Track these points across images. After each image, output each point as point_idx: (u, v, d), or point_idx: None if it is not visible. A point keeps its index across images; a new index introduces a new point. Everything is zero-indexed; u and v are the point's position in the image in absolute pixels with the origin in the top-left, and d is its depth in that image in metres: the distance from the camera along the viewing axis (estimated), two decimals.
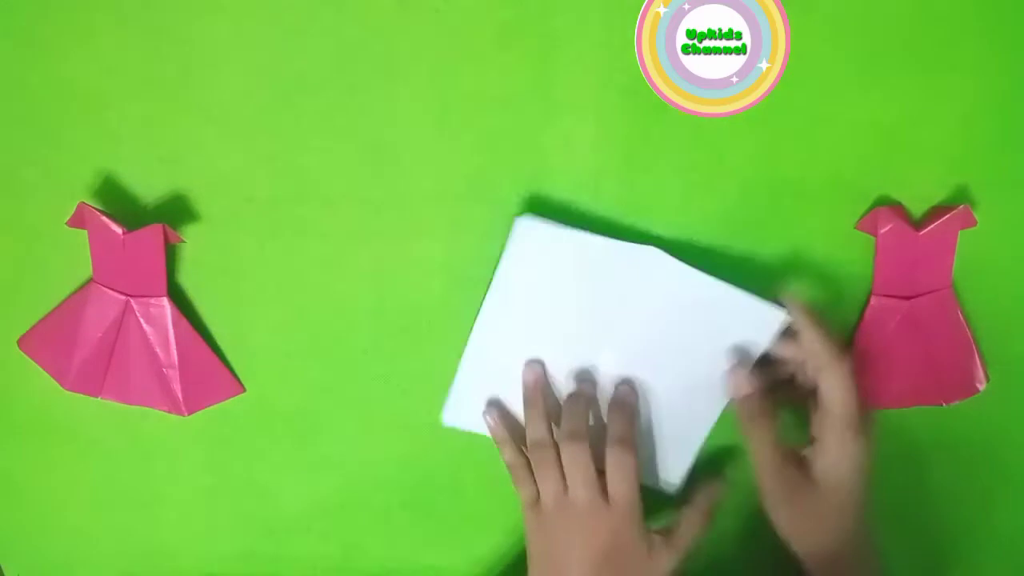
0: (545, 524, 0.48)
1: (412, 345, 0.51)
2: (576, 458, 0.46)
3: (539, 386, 0.49)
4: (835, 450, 0.45)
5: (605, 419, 0.49)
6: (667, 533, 0.48)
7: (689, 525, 0.48)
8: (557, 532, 0.47)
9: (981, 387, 0.50)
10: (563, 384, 0.50)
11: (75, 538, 0.56)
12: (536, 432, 0.48)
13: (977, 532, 0.54)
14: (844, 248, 0.49)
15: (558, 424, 0.48)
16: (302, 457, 0.54)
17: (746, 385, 0.47)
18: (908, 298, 0.48)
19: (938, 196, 0.48)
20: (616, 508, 0.46)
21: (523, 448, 0.49)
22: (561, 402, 0.50)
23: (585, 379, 0.50)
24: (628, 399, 0.49)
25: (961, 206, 0.46)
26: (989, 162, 0.48)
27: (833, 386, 0.45)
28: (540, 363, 0.50)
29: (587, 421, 0.48)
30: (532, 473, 0.48)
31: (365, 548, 0.55)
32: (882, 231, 0.47)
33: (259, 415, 0.53)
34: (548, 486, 0.47)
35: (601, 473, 0.46)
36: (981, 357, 0.50)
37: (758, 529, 0.49)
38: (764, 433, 0.47)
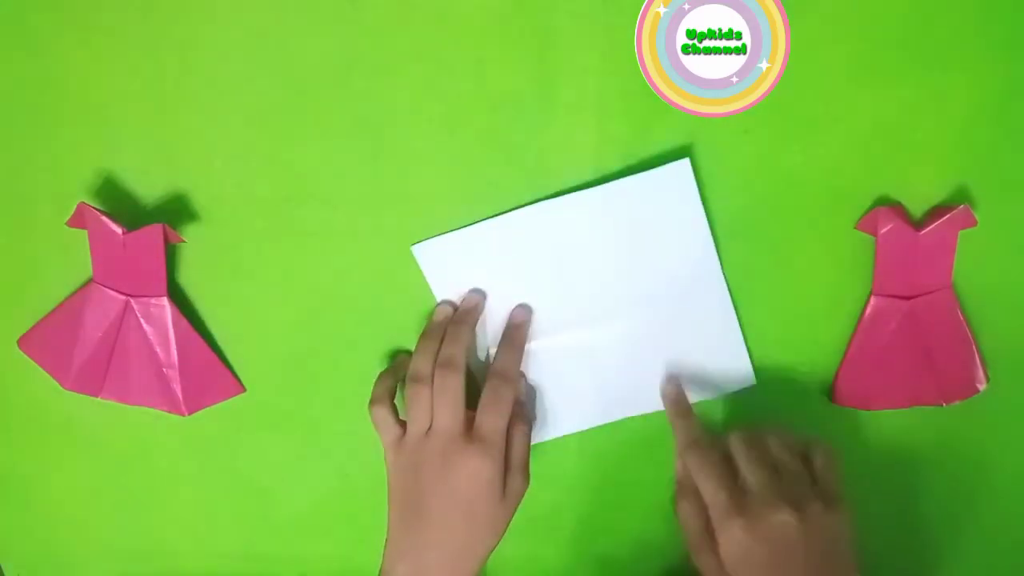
0: (406, 461, 0.46)
1: (412, 344, 0.51)
2: (445, 386, 0.45)
3: (443, 325, 0.48)
4: (718, 536, 0.43)
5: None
6: (509, 460, 0.46)
7: (517, 440, 0.47)
8: (417, 468, 0.46)
9: (981, 387, 0.50)
10: (552, 357, 0.50)
11: (75, 538, 0.56)
12: (418, 364, 0.47)
13: (978, 532, 0.54)
14: (844, 248, 0.49)
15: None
16: (302, 457, 0.54)
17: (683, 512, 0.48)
18: (908, 298, 0.48)
19: (938, 196, 0.48)
20: (479, 443, 0.45)
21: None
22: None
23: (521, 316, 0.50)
24: (517, 332, 0.49)
25: (961, 206, 0.46)
26: (989, 162, 0.48)
27: (693, 477, 0.45)
28: (452, 305, 0.50)
29: (464, 349, 0.47)
30: (394, 413, 0.48)
31: (364, 548, 0.55)
32: (882, 231, 0.47)
33: (259, 415, 0.53)
34: (416, 422, 0.46)
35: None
36: (981, 357, 0.50)
37: None
38: (690, 521, 0.46)
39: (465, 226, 0.49)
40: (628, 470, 0.53)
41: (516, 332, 0.49)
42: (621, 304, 0.49)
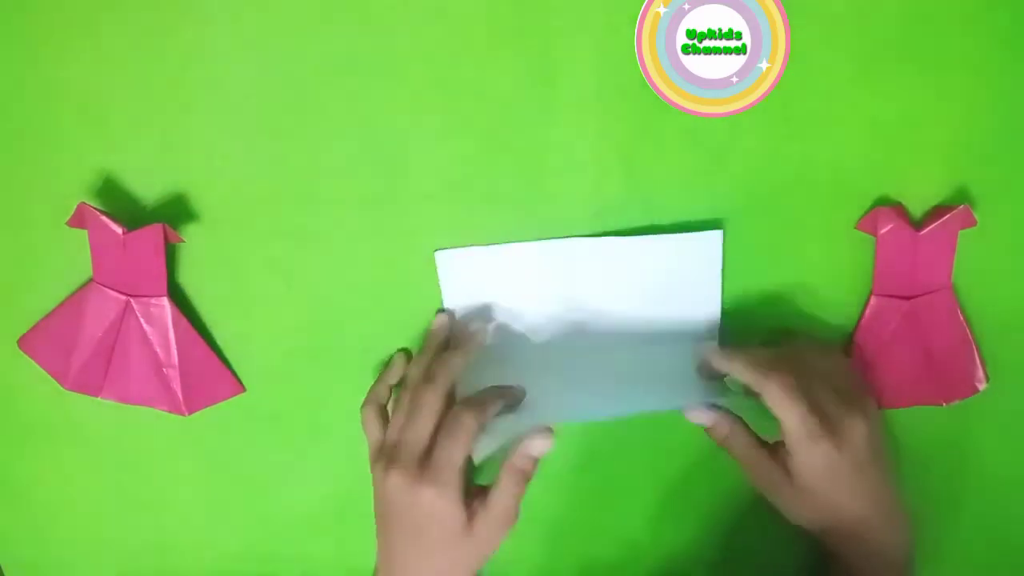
0: (377, 466, 0.46)
1: (411, 345, 0.51)
2: (417, 401, 0.45)
3: (441, 332, 0.49)
4: (799, 456, 0.44)
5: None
6: (484, 499, 0.44)
7: (507, 487, 0.44)
8: (381, 479, 0.45)
9: (981, 387, 0.50)
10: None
11: (75, 538, 0.56)
12: (410, 372, 0.47)
13: (977, 531, 0.54)
14: (844, 248, 0.49)
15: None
16: (302, 457, 0.54)
17: (708, 418, 0.47)
18: (908, 298, 0.48)
19: (938, 196, 0.48)
20: (429, 472, 0.43)
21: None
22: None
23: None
24: (512, 390, 0.47)
25: (961, 206, 0.46)
26: (989, 162, 0.48)
27: (772, 405, 0.44)
28: (452, 317, 0.50)
29: (450, 372, 0.46)
30: (381, 417, 0.48)
31: (364, 548, 0.55)
32: (882, 231, 0.47)
33: (259, 415, 0.53)
34: (392, 426, 0.46)
35: None
36: (981, 357, 0.50)
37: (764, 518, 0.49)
38: (740, 441, 0.46)
39: (465, 227, 0.49)
40: (613, 470, 0.53)
41: (509, 388, 0.48)
42: (619, 345, 0.50)
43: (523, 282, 0.49)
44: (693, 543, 0.54)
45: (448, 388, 0.45)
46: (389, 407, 0.49)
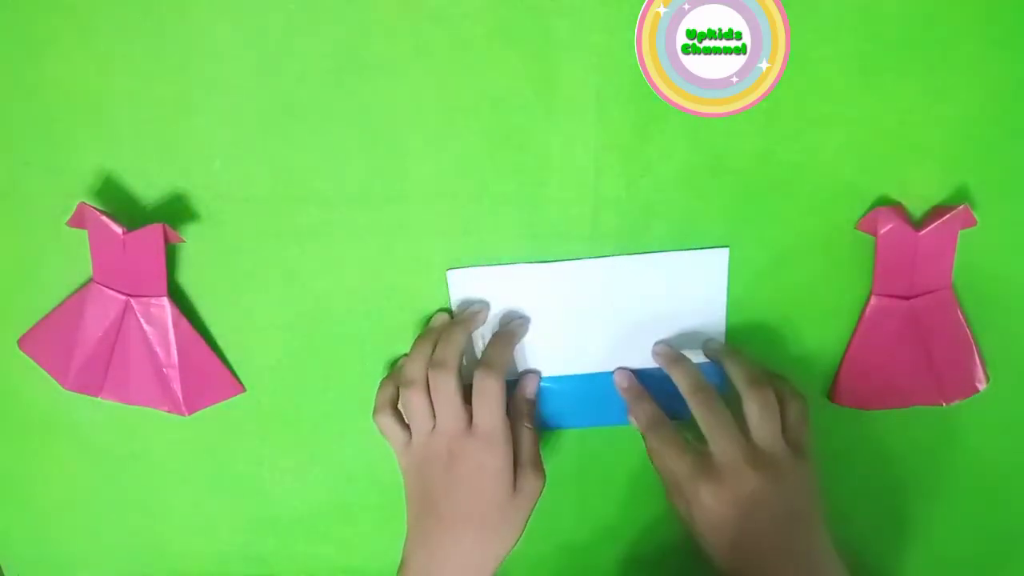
0: (416, 462, 0.47)
1: (411, 343, 0.51)
2: (439, 387, 0.46)
3: (438, 331, 0.48)
4: (690, 501, 0.44)
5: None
6: (518, 457, 0.47)
7: (522, 432, 0.48)
8: (424, 468, 0.46)
9: (981, 387, 0.50)
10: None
11: (75, 538, 0.56)
12: (409, 369, 0.47)
13: (978, 532, 0.54)
14: (844, 248, 0.49)
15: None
16: (302, 457, 0.54)
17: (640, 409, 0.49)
18: (908, 298, 0.48)
19: (938, 196, 0.48)
20: (477, 435, 0.45)
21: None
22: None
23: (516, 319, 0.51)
24: (511, 329, 0.49)
25: (961, 206, 0.46)
26: (989, 162, 0.48)
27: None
28: (447, 315, 0.50)
29: (457, 350, 0.46)
30: (399, 420, 0.48)
31: (364, 548, 0.55)
32: (882, 231, 0.47)
33: (259, 415, 0.53)
34: (417, 424, 0.47)
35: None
36: (981, 357, 0.50)
37: None
38: (666, 436, 0.47)
39: (465, 226, 0.49)
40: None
41: (508, 329, 0.50)
42: (625, 361, 0.51)
43: (532, 300, 0.50)
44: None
45: (458, 365, 0.46)
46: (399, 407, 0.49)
